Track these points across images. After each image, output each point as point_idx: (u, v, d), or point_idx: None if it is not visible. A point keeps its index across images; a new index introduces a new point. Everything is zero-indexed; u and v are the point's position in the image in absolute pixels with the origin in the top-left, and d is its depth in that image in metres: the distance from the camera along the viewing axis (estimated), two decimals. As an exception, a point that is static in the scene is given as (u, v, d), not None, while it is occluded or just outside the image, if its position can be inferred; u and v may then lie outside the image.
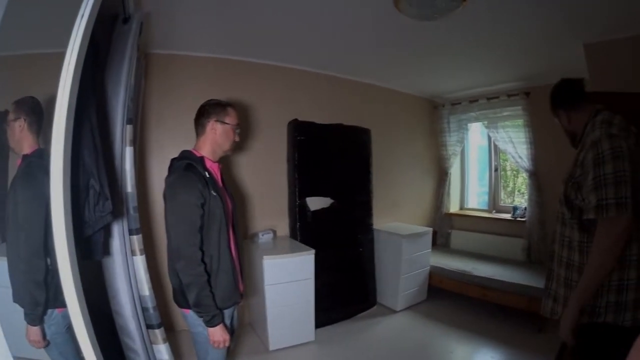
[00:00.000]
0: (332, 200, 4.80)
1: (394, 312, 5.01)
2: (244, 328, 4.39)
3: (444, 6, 2.88)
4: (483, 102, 5.96)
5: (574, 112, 2.13)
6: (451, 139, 6.64)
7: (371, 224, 5.27)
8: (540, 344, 3.89)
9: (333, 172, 4.85)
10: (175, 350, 3.03)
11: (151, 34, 3.42)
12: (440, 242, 6.61)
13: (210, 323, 2.04)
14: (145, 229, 3.11)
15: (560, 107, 2.21)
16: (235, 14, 3.23)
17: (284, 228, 4.77)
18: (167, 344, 2.45)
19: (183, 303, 2.12)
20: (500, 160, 6.49)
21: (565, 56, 4.13)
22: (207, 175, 2.12)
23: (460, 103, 6.36)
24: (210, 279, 2.06)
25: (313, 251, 4.03)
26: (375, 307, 5.13)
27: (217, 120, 2.21)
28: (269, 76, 4.65)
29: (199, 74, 4.17)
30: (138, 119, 2.86)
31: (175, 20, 3.31)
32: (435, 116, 6.87)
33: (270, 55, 4.43)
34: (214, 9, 3.11)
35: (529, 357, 3.79)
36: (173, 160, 2.21)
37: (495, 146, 6.27)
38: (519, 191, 6.55)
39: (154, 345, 2.37)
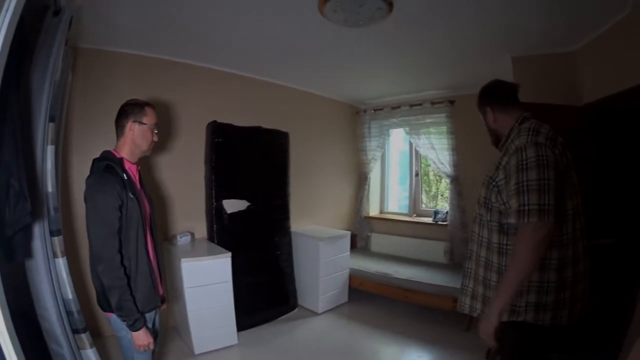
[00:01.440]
0: (248, 203, 4.84)
1: (316, 314, 5.12)
2: (170, 332, 4.35)
3: (369, 15, 2.97)
4: (406, 109, 6.22)
5: (500, 112, 2.16)
6: (371, 144, 6.86)
7: (288, 227, 5.35)
8: (469, 342, 4.09)
9: (250, 174, 4.89)
10: (105, 356, 2.95)
11: (81, 28, 3.32)
12: (360, 245, 6.81)
13: (133, 327, 2.05)
14: (67, 230, 3.02)
15: (488, 104, 2.23)
16: (162, 13, 3.20)
17: (202, 230, 4.76)
18: (94, 349, 2.40)
19: (106, 306, 2.11)
20: (423, 166, 6.77)
21: (492, 67, 4.33)
22: (125, 177, 2.12)
23: (382, 109, 6.58)
24: (130, 283, 2.08)
25: (229, 254, 4.06)
26: (296, 310, 5.21)
27: (134, 121, 2.21)
28: (193, 76, 4.65)
29: (125, 71, 4.10)
30: (63, 116, 2.75)
31: (105, 15, 3.21)
32: (356, 121, 7.09)
33: (195, 55, 4.42)
34: (142, 6, 3.07)
35: (457, 355, 3.97)
36: (94, 160, 2.18)
37: (417, 152, 6.54)
38: (442, 195, 6.87)
39: (81, 351, 2.32)
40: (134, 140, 2.22)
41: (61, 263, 2.31)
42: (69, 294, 2.33)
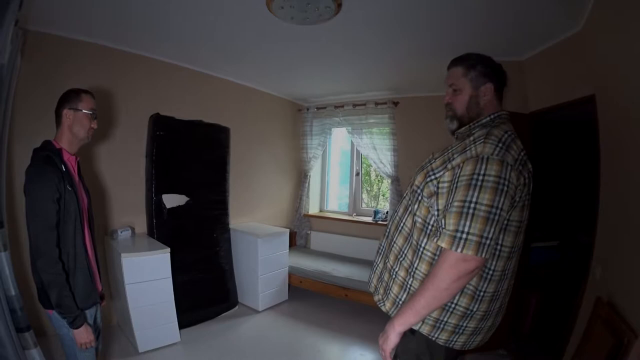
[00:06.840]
0: (187, 198, 4.81)
1: (257, 312, 5.15)
2: (114, 330, 4.27)
3: (317, 13, 3.02)
4: (349, 109, 6.34)
5: (496, 96, 1.87)
6: (313, 142, 6.95)
7: (227, 223, 5.36)
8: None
9: (190, 169, 4.86)
10: (49, 356, 2.86)
11: (31, 9, 3.18)
12: (299, 244, 6.91)
13: (73, 324, 2.05)
14: (11, 222, 2.91)
15: (492, 80, 1.86)
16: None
17: (142, 225, 4.68)
18: (38, 348, 2.34)
19: (47, 303, 2.09)
20: (365, 165, 6.93)
21: (438, 71, 4.43)
22: (64, 169, 2.11)
23: (325, 108, 6.67)
24: (69, 278, 2.07)
25: (168, 249, 4.04)
26: (237, 308, 5.23)
27: (70, 108, 2.21)
28: (137, 66, 4.53)
29: (70, 57, 3.94)
30: (10, 102, 2.63)
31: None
32: (298, 119, 7.16)
33: (139, 44, 4.30)
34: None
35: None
36: (34, 150, 2.17)
37: (358, 151, 6.71)
38: (383, 195, 7.06)
39: (25, 351, 2.26)
40: (70, 128, 2.22)
41: (4, 257, 2.25)
42: (12, 290, 2.26)
